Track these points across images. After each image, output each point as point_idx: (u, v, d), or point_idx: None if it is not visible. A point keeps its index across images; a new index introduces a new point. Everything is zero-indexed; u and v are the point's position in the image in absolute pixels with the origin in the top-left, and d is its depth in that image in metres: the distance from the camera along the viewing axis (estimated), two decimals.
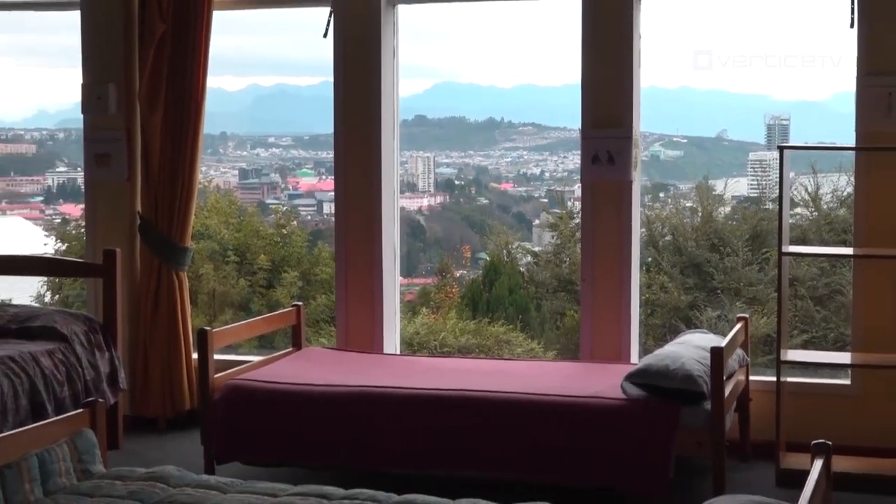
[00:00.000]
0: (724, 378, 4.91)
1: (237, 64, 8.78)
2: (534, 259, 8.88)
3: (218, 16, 6.48)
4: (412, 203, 9.10)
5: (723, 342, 5.05)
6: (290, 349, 6.25)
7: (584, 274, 6.21)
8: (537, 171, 9.36)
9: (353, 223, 6.53)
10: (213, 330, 5.48)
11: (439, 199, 9.43)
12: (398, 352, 6.68)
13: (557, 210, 8.81)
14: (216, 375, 5.43)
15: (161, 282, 6.54)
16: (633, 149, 6.06)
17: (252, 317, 7.42)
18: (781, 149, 5.46)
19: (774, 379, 5.48)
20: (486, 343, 7.90)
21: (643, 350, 6.28)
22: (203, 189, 8.42)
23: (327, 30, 6.47)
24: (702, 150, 9.35)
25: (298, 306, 6.30)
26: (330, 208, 8.24)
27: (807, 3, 6.17)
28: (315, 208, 9.53)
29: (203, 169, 7.17)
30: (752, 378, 5.83)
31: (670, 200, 8.90)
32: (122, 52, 6.65)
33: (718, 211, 8.50)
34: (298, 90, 9.49)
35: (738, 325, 5.66)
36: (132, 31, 6.59)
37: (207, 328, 5.43)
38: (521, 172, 9.41)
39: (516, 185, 9.47)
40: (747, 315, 5.95)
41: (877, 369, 5.62)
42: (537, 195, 9.37)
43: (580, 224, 6.39)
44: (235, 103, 9.49)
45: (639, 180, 6.22)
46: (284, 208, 9.34)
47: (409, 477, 4.93)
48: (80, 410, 4.27)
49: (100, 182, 6.79)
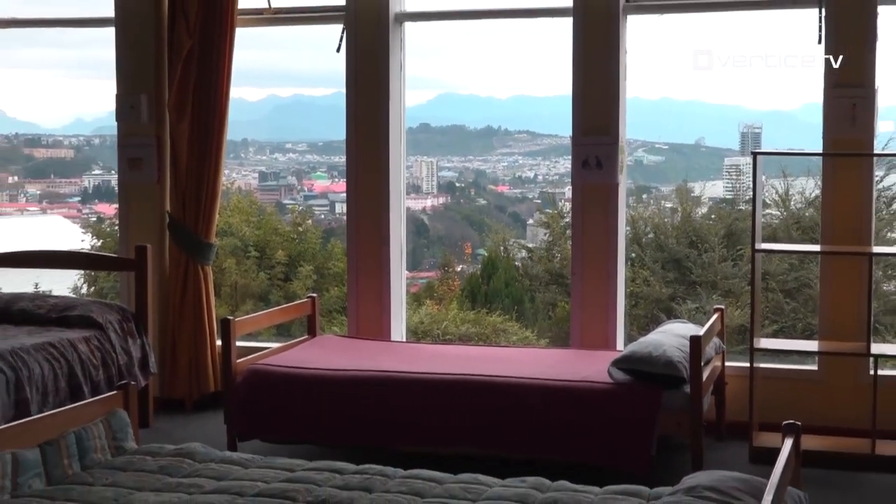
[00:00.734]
0: (702, 364, 4.91)
1: (257, 76, 8.78)
2: (528, 255, 8.86)
3: (240, 32, 6.47)
4: (417, 203, 9.08)
5: (701, 331, 5.04)
6: (306, 337, 6.24)
7: (575, 268, 6.20)
8: (531, 175, 9.34)
9: (363, 222, 6.53)
10: (236, 319, 5.47)
11: (442, 200, 9.41)
12: (404, 339, 6.68)
13: (549, 210, 8.79)
14: (238, 360, 5.43)
15: (188, 275, 6.53)
16: (619, 154, 6.05)
17: (271, 307, 7.41)
18: (755, 154, 5.44)
19: (748, 365, 5.48)
20: (485, 331, 7.89)
21: (628, 338, 6.27)
22: (226, 190, 8.41)
23: (340, 45, 6.46)
24: (681, 156, 9.34)
25: (313, 297, 6.29)
26: (342, 208, 8.24)
27: (781, 19, 6.17)
28: (328, 208, 9.52)
29: (226, 172, 7.16)
30: (728, 364, 5.81)
31: (653, 201, 8.89)
32: (153, 66, 6.65)
33: (696, 211, 8.49)
34: (313, 100, 9.48)
35: (715, 316, 5.65)
36: (162, 47, 6.58)
37: (230, 317, 5.43)
38: (517, 176, 9.40)
39: (512, 188, 9.46)
40: (723, 306, 5.93)
41: (841, 356, 5.62)
42: (531, 196, 9.35)
43: (571, 223, 6.37)
44: (256, 112, 9.48)
45: (624, 183, 6.20)
46: (300, 208, 9.33)
47: (415, 453, 4.92)
48: (114, 392, 4.28)
49: (132, 184, 6.78)
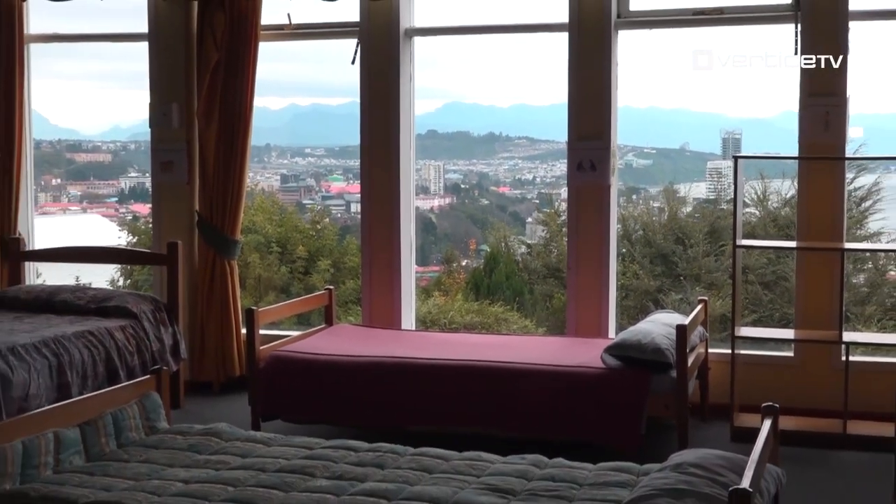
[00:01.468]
0: (688, 351, 4.89)
1: (279, 87, 8.74)
2: (527, 250, 8.84)
3: (263, 46, 6.45)
4: (425, 203, 9.05)
5: (686, 320, 5.02)
6: (324, 325, 6.23)
7: (570, 263, 6.18)
8: (530, 177, 9.32)
9: (376, 220, 6.51)
10: (259, 309, 5.47)
11: (448, 201, 9.39)
12: (414, 328, 6.66)
13: (547, 209, 8.78)
14: (261, 347, 5.43)
15: (215, 269, 6.52)
16: (612, 158, 6.03)
17: (292, 298, 7.39)
18: (735, 158, 5.42)
19: (729, 351, 5.46)
20: (488, 321, 7.87)
21: (619, 327, 6.24)
22: (250, 191, 8.39)
23: (355, 58, 6.44)
24: (668, 160, 9.30)
25: (330, 290, 6.28)
26: (356, 208, 8.21)
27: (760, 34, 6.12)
28: (344, 208, 9.50)
29: (250, 174, 7.15)
30: (711, 351, 5.80)
31: (641, 201, 8.87)
32: (183, 77, 6.64)
33: (682, 210, 8.47)
34: (330, 109, 9.45)
35: (699, 307, 5.63)
36: (191, 60, 6.57)
37: (254, 308, 5.42)
38: (517, 178, 9.37)
39: (512, 189, 9.43)
40: (706, 298, 5.91)
41: (815, 343, 5.61)
42: (530, 197, 9.33)
43: (566, 221, 6.35)
44: (277, 119, 9.46)
45: (616, 184, 6.18)
46: (318, 207, 9.31)
47: (424, 433, 4.92)
48: (148, 376, 4.28)
49: (164, 185, 6.77)
